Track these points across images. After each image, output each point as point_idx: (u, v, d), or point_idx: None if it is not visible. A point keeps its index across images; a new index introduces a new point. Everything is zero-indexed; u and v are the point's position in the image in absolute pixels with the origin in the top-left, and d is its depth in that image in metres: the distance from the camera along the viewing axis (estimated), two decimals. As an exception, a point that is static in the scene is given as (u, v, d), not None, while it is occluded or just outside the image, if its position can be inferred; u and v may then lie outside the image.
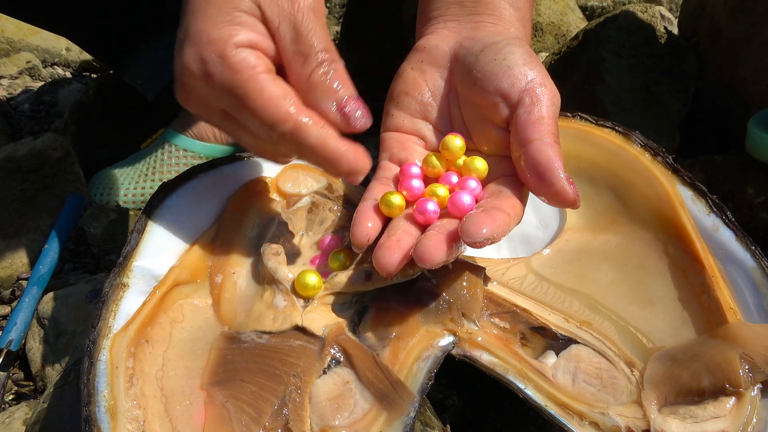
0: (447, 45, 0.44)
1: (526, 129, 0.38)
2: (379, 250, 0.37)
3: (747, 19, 0.68)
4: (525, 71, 0.39)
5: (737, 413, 0.35)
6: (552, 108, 0.39)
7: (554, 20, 1.01)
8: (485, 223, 0.35)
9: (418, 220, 0.39)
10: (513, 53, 0.40)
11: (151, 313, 0.39)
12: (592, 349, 0.40)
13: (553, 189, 0.36)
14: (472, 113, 0.42)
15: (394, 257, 0.36)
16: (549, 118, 0.38)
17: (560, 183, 0.36)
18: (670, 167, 0.44)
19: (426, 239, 0.36)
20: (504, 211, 0.36)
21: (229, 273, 0.43)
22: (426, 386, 0.37)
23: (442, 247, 0.35)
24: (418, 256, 0.35)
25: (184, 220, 0.44)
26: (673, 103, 0.72)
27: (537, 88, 0.39)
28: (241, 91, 0.37)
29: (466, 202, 0.38)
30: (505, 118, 0.40)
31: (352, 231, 0.39)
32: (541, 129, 0.37)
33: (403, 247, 0.37)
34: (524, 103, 0.38)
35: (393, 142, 0.44)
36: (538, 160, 0.37)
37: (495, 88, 0.39)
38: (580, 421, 0.36)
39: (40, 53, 1.23)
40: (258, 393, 0.36)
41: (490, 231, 0.34)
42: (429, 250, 0.35)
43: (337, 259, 0.43)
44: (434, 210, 0.39)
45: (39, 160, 0.69)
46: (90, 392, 0.34)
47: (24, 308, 0.59)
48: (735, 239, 0.41)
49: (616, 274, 0.44)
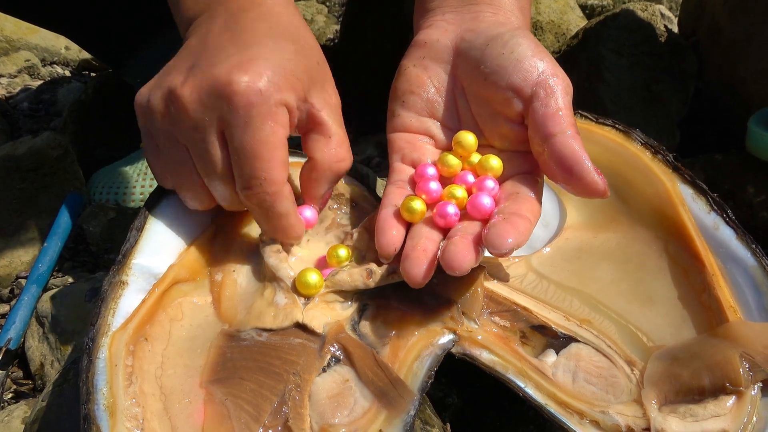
0: (448, 38, 0.43)
1: (545, 123, 0.38)
2: (406, 261, 0.37)
3: (747, 18, 0.68)
4: (535, 63, 0.39)
5: (737, 412, 0.35)
6: (567, 98, 0.38)
7: (554, 19, 1.01)
8: (509, 233, 0.35)
9: (439, 224, 0.39)
10: (520, 45, 0.40)
11: (150, 311, 0.39)
12: (593, 347, 0.40)
13: (584, 182, 0.36)
14: (482, 108, 0.42)
15: (422, 268, 0.36)
16: (566, 109, 0.38)
17: (591, 175, 0.36)
18: (670, 165, 0.44)
19: (453, 246, 0.36)
20: (525, 216, 0.37)
21: (229, 271, 0.43)
22: (426, 384, 0.37)
23: (470, 254, 0.35)
24: (446, 263, 0.35)
25: (184, 217, 0.44)
26: (673, 102, 0.72)
27: (549, 80, 0.38)
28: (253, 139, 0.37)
29: (486, 204, 0.38)
30: (519, 113, 0.40)
31: (378, 241, 0.39)
32: (561, 122, 0.37)
33: (429, 255, 0.37)
34: (539, 96, 0.38)
35: (403, 143, 0.44)
36: (564, 153, 0.37)
37: (507, 83, 0.39)
38: (581, 420, 0.36)
39: (39, 52, 1.23)
40: (257, 391, 0.36)
41: (515, 240, 0.35)
42: (458, 257, 0.35)
43: (336, 254, 0.43)
44: (455, 213, 0.39)
45: (38, 159, 0.69)
46: (89, 390, 0.34)
47: (23, 307, 0.59)
48: (735, 237, 0.41)
49: (616, 272, 0.44)
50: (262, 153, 0.37)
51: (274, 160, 0.38)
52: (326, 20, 1.18)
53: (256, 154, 0.37)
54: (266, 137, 0.37)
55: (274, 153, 0.38)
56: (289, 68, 0.39)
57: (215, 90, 0.37)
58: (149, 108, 0.40)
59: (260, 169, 0.38)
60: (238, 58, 0.38)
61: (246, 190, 0.39)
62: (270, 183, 0.38)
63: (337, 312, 0.41)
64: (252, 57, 0.38)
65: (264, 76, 0.37)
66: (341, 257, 0.42)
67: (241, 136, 0.37)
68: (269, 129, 0.37)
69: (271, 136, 0.38)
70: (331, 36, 1.10)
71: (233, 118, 0.37)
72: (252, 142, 0.37)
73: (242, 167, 0.38)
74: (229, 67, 0.37)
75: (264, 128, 0.37)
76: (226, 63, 0.38)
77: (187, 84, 0.38)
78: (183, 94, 0.38)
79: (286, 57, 0.39)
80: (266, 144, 0.38)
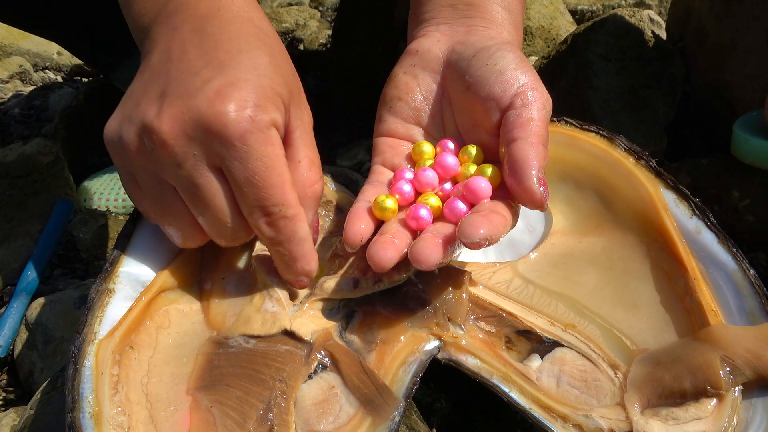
0: (439, 49, 0.44)
1: (513, 129, 0.38)
2: (374, 245, 0.37)
3: (732, 23, 0.69)
4: (517, 75, 0.39)
5: (718, 414, 0.36)
6: (543, 112, 0.39)
7: (544, 24, 1.02)
8: (482, 224, 0.35)
9: (410, 226, 0.39)
10: (504, 58, 0.40)
11: (136, 319, 0.39)
12: (577, 351, 0.40)
13: (521, 186, 0.36)
14: (464, 118, 0.43)
15: (388, 253, 0.36)
16: (538, 121, 0.38)
17: (528, 181, 0.36)
18: (653, 170, 0.45)
19: (422, 241, 0.36)
20: (500, 213, 0.37)
21: (218, 279, 0.43)
22: (411, 391, 0.37)
23: (437, 249, 0.35)
24: (413, 257, 0.35)
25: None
26: (660, 106, 0.72)
27: (528, 92, 0.39)
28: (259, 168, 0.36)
29: (462, 207, 0.38)
30: (496, 124, 0.40)
31: (345, 231, 0.39)
32: (528, 130, 0.37)
33: (398, 246, 0.37)
34: (515, 106, 0.38)
35: (386, 147, 0.44)
36: (515, 157, 0.37)
37: (487, 93, 0.40)
38: (564, 424, 0.36)
39: (31, 57, 1.23)
40: (243, 398, 0.36)
41: (488, 232, 0.35)
42: (425, 251, 0.35)
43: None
44: (427, 216, 0.39)
45: (28, 166, 0.69)
46: (74, 398, 0.34)
47: (12, 314, 0.59)
48: (717, 242, 0.42)
49: (600, 277, 0.44)
50: (271, 180, 0.36)
51: (285, 184, 0.37)
52: (319, 25, 1.19)
53: (266, 182, 0.36)
54: (271, 163, 0.36)
55: (282, 177, 0.37)
56: (270, 86, 0.37)
57: (201, 124, 0.35)
58: (122, 145, 0.37)
59: (275, 196, 0.37)
60: (216, 83, 0.36)
61: (265, 218, 0.37)
62: (288, 206, 0.37)
63: (324, 319, 0.41)
64: (230, 80, 0.36)
65: (249, 100, 0.36)
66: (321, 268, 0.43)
67: (243, 168, 0.36)
68: (271, 153, 0.36)
69: (275, 161, 0.36)
70: (323, 41, 1.10)
71: (229, 151, 0.35)
72: (258, 172, 0.36)
73: (255, 199, 0.37)
74: (209, 96, 0.35)
75: (265, 154, 0.36)
76: (205, 91, 0.35)
77: (164, 117, 0.36)
78: (161, 129, 0.35)
79: (264, 73, 0.37)
80: (273, 169, 0.36)
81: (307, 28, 1.17)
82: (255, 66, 0.37)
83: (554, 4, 1.04)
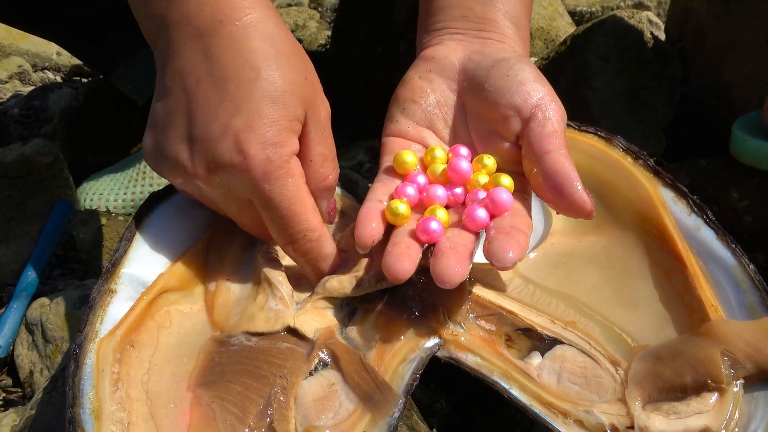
0: (455, 57, 0.45)
1: (541, 141, 0.39)
2: (389, 257, 0.37)
3: (731, 24, 0.69)
4: (537, 87, 0.41)
5: (720, 408, 0.36)
6: (562, 124, 0.40)
7: (543, 25, 1.02)
8: (511, 246, 0.36)
9: (421, 239, 0.39)
10: (524, 70, 0.41)
11: (138, 319, 0.39)
12: (577, 348, 0.40)
13: (571, 199, 0.37)
14: (480, 126, 0.43)
15: (405, 265, 0.37)
16: (561, 133, 0.40)
17: (578, 193, 0.37)
18: (651, 170, 0.45)
19: (444, 259, 0.36)
20: (522, 230, 0.37)
21: (222, 280, 0.43)
22: (411, 387, 0.37)
23: (461, 268, 0.36)
24: (438, 277, 0.35)
25: (174, 229, 0.45)
26: (659, 107, 0.73)
27: (548, 105, 0.40)
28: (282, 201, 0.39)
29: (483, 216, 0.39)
30: (516, 133, 0.41)
31: (356, 232, 0.39)
32: (556, 141, 0.39)
33: (413, 256, 0.38)
34: (537, 118, 0.40)
35: (396, 147, 0.45)
36: (555, 170, 0.38)
37: (508, 102, 0.41)
38: (565, 419, 0.36)
39: (30, 57, 1.23)
40: (244, 393, 0.36)
41: (516, 254, 0.35)
42: (449, 271, 0.35)
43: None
44: (438, 229, 0.39)
45: (28, 166, 0.69)
46: (75, 394, 0.34)
47: (12, 314, 0.59)
48: (716, 238, 0.42)
49: (600, 276, 0.44)
50: (294, 210, 0.39)
51: (308, 211, 0.40)
52: (318, 26, 1.19)
53: (289, 214, 0.39)
54: (292, 194, 0.39)
55: (304, 205, 0.39)
56: (285, 115, 0.38)
57: (228, 170, 0.38)
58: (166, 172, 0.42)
59: (299, 224, 0.39)
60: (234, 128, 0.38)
61: (291, 245, 0.40)
62: (312, 230, 0.40)
63: (327, 318, 0.41)
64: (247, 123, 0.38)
65: (267, 141, 0.38)
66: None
67: (268, 203, 0.39)
68: (291, 185, 0.39)
69: (296, 191, 0.39)
70: (322, 42, 1.11)
71: (254, 192, 0.39)
72: (282, 205, 0.39)
73: (280, 229, 0.40)
74: (231, 145, 0.38)
75: (287, 187, 0.39)
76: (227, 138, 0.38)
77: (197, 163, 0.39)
78: (196, 173, 0.39)
79: (277, 99, 0.38)
80: (295, 200, 0.39)
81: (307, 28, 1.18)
82: (267, 95, 0.38)
83: (553, 5, 1.04)
